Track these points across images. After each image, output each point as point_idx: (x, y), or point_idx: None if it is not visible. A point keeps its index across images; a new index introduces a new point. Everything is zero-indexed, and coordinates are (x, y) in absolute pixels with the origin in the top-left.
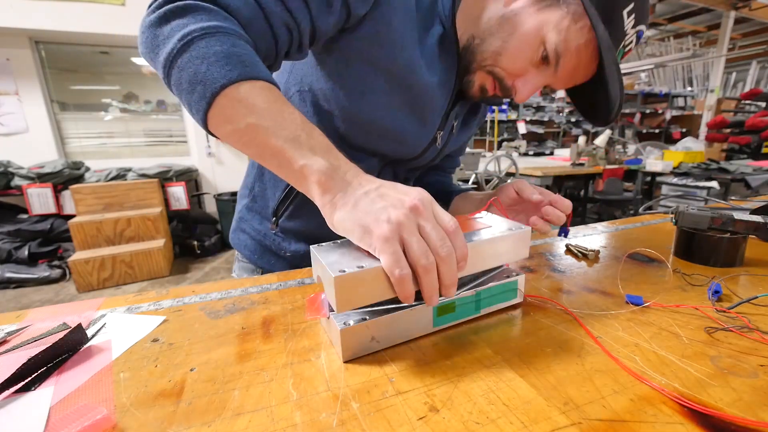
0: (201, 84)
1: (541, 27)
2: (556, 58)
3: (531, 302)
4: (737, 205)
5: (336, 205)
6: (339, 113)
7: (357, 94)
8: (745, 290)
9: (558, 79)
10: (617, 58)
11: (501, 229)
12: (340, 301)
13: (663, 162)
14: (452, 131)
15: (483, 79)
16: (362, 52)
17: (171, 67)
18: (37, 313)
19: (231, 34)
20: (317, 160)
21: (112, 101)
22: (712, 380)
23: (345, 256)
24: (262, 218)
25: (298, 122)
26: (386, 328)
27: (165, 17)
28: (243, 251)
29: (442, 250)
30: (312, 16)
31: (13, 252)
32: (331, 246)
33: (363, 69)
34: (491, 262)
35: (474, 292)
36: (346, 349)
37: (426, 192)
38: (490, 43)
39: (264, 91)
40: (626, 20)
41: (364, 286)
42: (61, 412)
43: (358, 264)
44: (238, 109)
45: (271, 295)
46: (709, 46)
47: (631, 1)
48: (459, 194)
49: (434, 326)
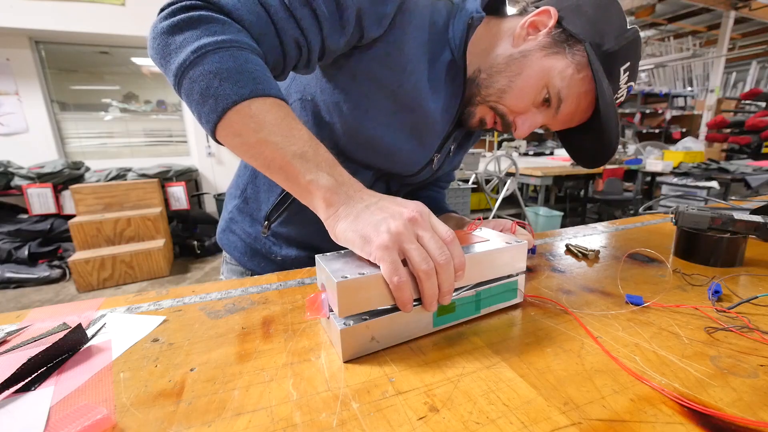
0: (213, 98)
1: (547, 72)
2: (558, 102)
3: (531, 302)
4: (737, 205)
5: (339, 218)
6: (340, 126)
7: (361, 110)
8: (745, 290)
9: (556, 121)
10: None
11: (498, 242)
12: (343, 305)
13: (663, 162)
14: (449, 154)
15: (484, 113)
16: (371, 71)
17: (183, 77)
18: (37, 313)
19: (244, 49)
20: (323, 176)
21: (112, 101)
22: (712, 380)
23: (348, 265)
24: (254, 221)
25: (305, 138)
26: (386, 328)
27: (179, 26)
28: (232, 252)
29: (441, 258)
30: (323, 35)
31: (13, 252)
32: (335, 255)
33: (369, 87)
34: (489, 274)
35: (474, 292)
36: (346, 349)
37: (424, 205)
38: (496, 80)
39: (274, 108)
40: (622, 76)
41: (365, 292)
42: (61, 412)
43: (360, 271)
44: (248, 124)
45: (271, 295)
46: (709, 46)
47: (627, 59)
48: (446, 214)
49: (434, 326)
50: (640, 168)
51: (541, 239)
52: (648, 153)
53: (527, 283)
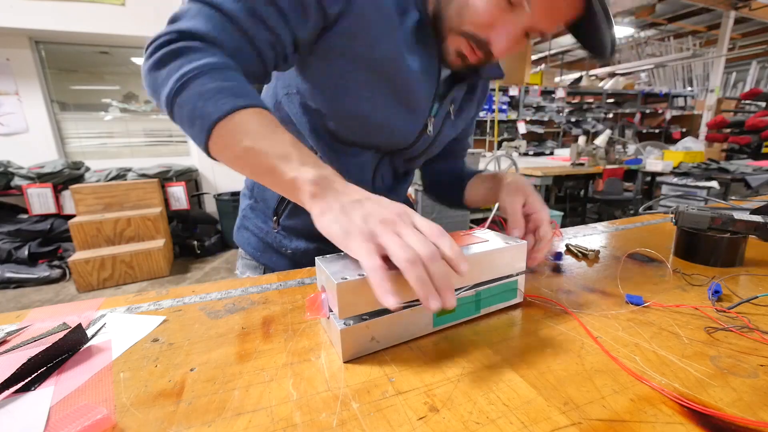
0: (199, 119)
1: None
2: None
3: (531, 302)
4: (737, 205)
5: (323, 211)
6: (326, 110)
7: (340, 89)
8: (745, 290)
9: (537, 21)
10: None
11: (497, 242)
12: (342, 306)
13: (663, 162)
14: (449, 116)
15: (457, 44)
16: (340, 47)
17: (172, 105)
18: (37, 313)
19: (221, 69)
20: (307, 171)
21: (112, 101)
22: (712, 380)
23: (348, 266)
24: (265, 217)
25: (288, 141)
26: (386, 328)
27: (161, 61)
28: (246, 248)
29: (423, 249)
30: (291, 27)
31: (13, 252)
32: (335, 257)
33: (344, 64)
34: (488, 274)
35: (474, 292)
36: (346, 349)
37: (407, 207)
38: (450, 2)
39: (255, 117)
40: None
41: (365, 293)
42: (61, 412)
43: (360, 272)
44: (234, 136)
45: (271, 295)
46: (709, 46)
47: None
48: (472, 178)
49: (434, 326)
50: (640, 168)
51: None
52: (648, 153)
53: (528, 283)
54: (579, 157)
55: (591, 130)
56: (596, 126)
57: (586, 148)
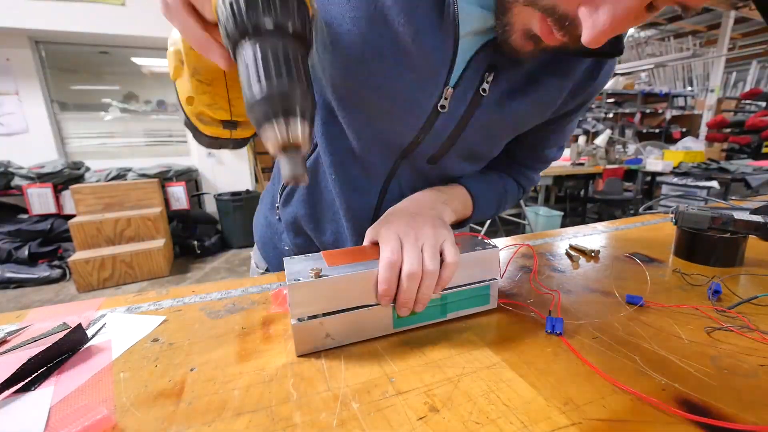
0: None
1: None
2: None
3: (531, 302)
4: (737, 205)
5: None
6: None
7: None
8: (745, 290)
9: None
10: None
11: (466, 248)
12: (294, 305)
13: (663, 162)
14: (480, 93)
15: (527, 19)
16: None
17: None
18: (37, 313)
19: None
20: None
21: (112, 101)
22: (712, 380)
23: (307, 268)
24: (272, 204)
25: None
26: (341, 326)
27: None
28: (256, 233)
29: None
30: None
31: (13, 252)
32: (302, 258)
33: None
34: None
35: (440, 295)
36: (299, 344)
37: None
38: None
39: None
40: None
41: (318, 295)
42: (61, 412)
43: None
44: None
45: (271, 295)
46: (709, 46)
47: None
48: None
49: (395, 327)
50: (640, 168)
51: (542, 239)
52: (648, 153)
53: (528, 282)
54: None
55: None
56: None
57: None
